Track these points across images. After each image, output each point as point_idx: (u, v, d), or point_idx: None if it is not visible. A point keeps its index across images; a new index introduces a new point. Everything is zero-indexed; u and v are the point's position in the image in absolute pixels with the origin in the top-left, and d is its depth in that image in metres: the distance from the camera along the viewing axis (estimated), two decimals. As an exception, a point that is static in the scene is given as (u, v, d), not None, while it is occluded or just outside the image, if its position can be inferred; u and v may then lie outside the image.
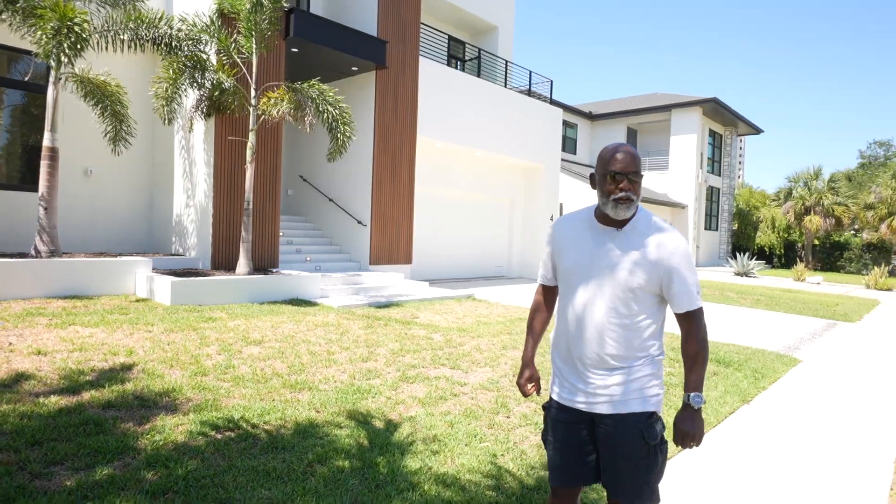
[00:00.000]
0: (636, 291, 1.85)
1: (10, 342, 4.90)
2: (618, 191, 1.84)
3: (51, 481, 2.66)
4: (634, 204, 1.87)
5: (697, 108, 24.20)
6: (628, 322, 1.86)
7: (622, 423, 1.86)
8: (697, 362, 1.87)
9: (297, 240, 11.37)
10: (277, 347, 5.44)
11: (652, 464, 1.86)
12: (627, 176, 1.83)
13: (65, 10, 6.96)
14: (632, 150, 1.90)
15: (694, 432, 1.85)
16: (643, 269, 1.84)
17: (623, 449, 1.87)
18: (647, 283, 1.85)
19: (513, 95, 14.81)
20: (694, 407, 1.85)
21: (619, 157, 1.85)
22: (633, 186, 1.85)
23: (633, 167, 1.85)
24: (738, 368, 6.06)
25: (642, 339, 1.88)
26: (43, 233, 7.72)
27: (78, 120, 9.25)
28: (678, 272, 1.84)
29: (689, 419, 1.86)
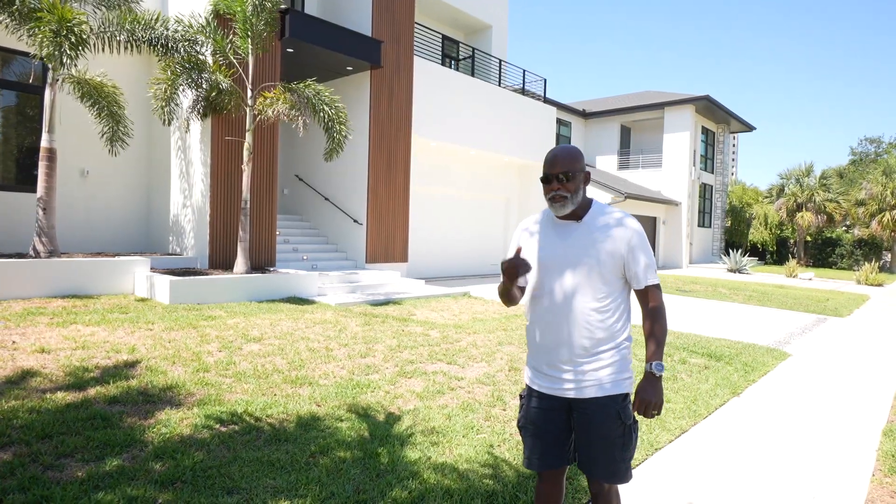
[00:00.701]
0: (603, 276, 1.99)
1: (13, 341, 4.97)
2: (549, 191, 2.03)
3: (62, 472, 2.75)
4: (569, 201, 2.02)
5: (690, 106, 24.37)
6: (599, 307, 1.99)
7: (599, 405, 1.98)
8: (657, 333, 2.00)
9: (294, 239, 11.45)
10: (277, 344, 5.53)
11: (627, 442, 2.00)
12: (556, 176, 2.01)
13: (63, 12, 7.02)
14: (566, 151, 2.07)
15: (655, 400, 1.95)
16: (606, 254, 1.99)
17: (600, 430, 1.98)
18: (612, 267, 1.99)
19: (507, 94, 14.92)
20: (655, 374, 1.96)
21: (550, 159, 2.05)
22: (563, 185, 2.01)
23: (560, 167, 2.02)
24: (728, 362, 6.19)
25: (613, 323, 2.00)
26: (42, 233, 7.78)
27: (75, 121, 9.29)
28: (636, 252, 1.99)
29: (650, 387, 1.96)
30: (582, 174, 2.06)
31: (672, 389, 4.98)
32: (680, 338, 7.29)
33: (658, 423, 4.10)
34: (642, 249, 2.00)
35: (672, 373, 5.56)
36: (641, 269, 1.99)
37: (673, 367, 5.80)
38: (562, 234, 2.08)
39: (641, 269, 1.99)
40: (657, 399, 1.95)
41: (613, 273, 1.99)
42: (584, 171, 2.09)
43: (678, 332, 7.73)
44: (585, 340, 1.98)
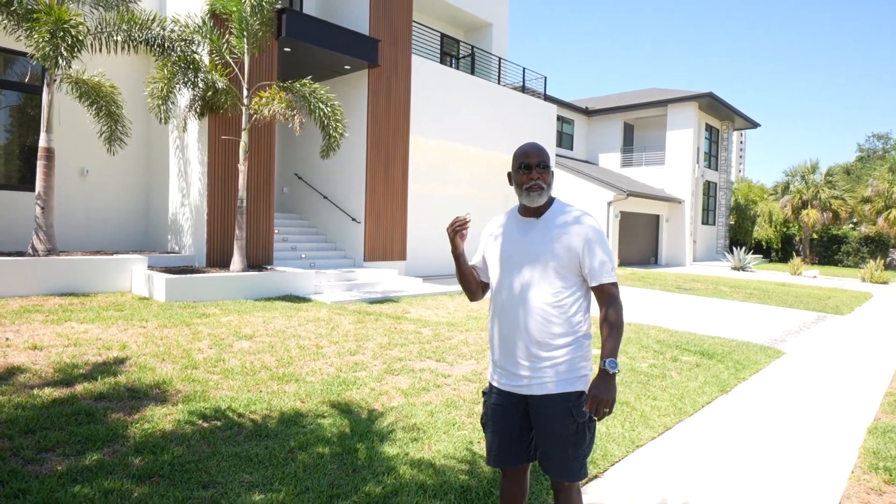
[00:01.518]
0: (559, 271, 2.00)
1: (6, 338, 5.04)
2: (528, 180, 2.05)
3: (42, 466, 2.80)
4: (545, 192, 2.06)
5: (693, 103, 24.26)
6: (554, 301, 2.00)
7: (551, 402, 2.00)
8: (611, 330, 1.98)
9: (293, 237, 11.50)
10: (268, 342, 5.57)
11: (580, 440, 2.00)
12: (536, 167, 2.05)
13: (60, 13, 7.08)
14: (537, 145, 2.11)
15: (607, 398, 1.90)
16: (563, 250, 2.01)
17: (552, 427, 2.00)
18: (568, 263, 2.01)
19: (507, 92, 14.91)
20: (609, 372, 1.91)
21: (529, 151, 2.08)
22: (541, 175, 2.05)
23: (538, 158, 2.06)
24: (720, 360, 6.18)
25: (570, 320, 2.01)
26: (40, 231, 7.87)
27: (75, 121, 9.38)
28: (592, 249, 1.99)
29: (602, 384, 1.92)
30: (552, 169, 2.12)
31: (660, 387, 4.99)
32: (674, 336, 7.28)
33: (641, 421, 4.11)
34: (599, 246, 2.00)
35: (662, 370, 5.56)
36: (596, 265, 1.99)
37: (664, 364, 5.80)
38: (522, 231, 2.12)
39: (596, 266, 1.99)
40: (609, 396, 1.91)
41: (570, 269, 2.01)
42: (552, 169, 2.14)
43: (672, 330, 7.72)
44: (540, 335, 2.00)
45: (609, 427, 3.93)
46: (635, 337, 7.00)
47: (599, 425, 3.94)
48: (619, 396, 4.60)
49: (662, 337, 7.15)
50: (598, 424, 3.95)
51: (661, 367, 5.67)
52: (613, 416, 4.13)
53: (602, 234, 2.04)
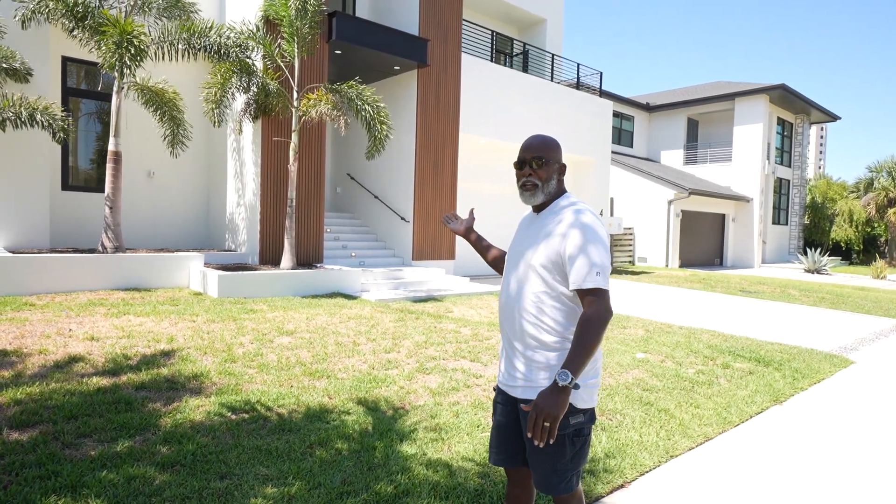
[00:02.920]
0: (544, 271, 1.89)
1: (70, 329, 5.41)
2: (520, 176, 1.96)
3: (78, 451, 2.97)
4: (540, 190, 1.96)
5: (763, 96, 22.90)
6: (542, 304, 1.89)
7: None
8: (575, 341, 1.75)
9: (344, 236, 11.74)
10: (307, 338, 5.70)
11: (559, 453, 1.85)
12: (529, 162, 1.95)
13: (124, 25, 7.54)
14: (541, 137, 2.00)
15: (546, 409, 1.69)
16: (546, 247, 1.89)
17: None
18: (550, 263, 1.87)
19: (560, 89, 14.61)
20: (558, 383, 1.69)
21: (526, 144, 1.98)
22: (535, 172, 1.94)
23: (533, 152, 1.96)
24: (777, 368, 5.79)
25: (558, 321, 1.89)
26: (108, 230, 8.41)
27: (143, 125, 9.97)
28: (574, 250, 1.81)
29: (549, 395, 1.71)
30: (557, 165, 2.00)
31: (705, 395, 4.72)
32: (728, 341, 6.89)
33: (679, 429, 3.90)
34: (582, 245, 1.80)
35: (710, 377, 5.26)
36: (577, 268, 1.80)
37: (712, 371, 5.49)
38: (526, 226, 2.08)
39: (576, 268, 1.80)
40: (549, 409, 1.69)
41: (556, 268, 1.88)
42: (560, 163, 2.02)
43: (726, 334, 7.30)
44: (529, 338, 1.92)
45: (642, 434, 3.75)
46: (685, 341, 6.67)
47: (632, 433, 3.77)
48: (658, 403, 4.39)
49: (715, 342, 6.78)
50: (630, 433, 3.78)
51: (709, 374, 5.37)
52: (648, 423, 3.94)
53: (591, 231, 1.83)
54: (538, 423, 1.71)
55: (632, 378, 5.04)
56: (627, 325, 7.53)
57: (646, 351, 6.11)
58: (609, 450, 3.47)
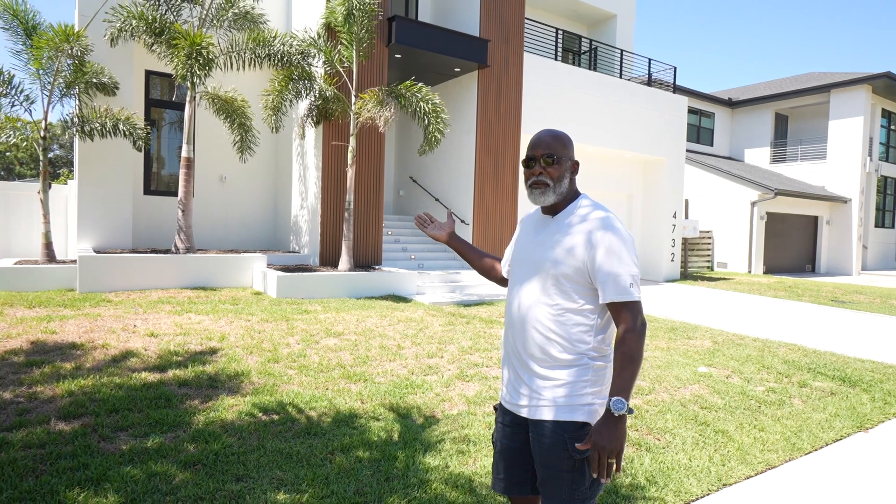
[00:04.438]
0: (561, 281, 1.71)
1: (135, 325, 5.73)
2: (529, 175, 1.80)
3: (112, 444, 3.08)
4: (551, 190, 1.78)
5: (865, 87, 20.82)
6: (556, 317, 1.72)
7: (548, 430, 1.71)
8: (622, 362, 1.62)
9: (405, 238, 11.81)
10: (353, 340, 5.72)
11: (577, 480, 1.67)
12: (538, 159, 1.78)
13: (194, 38, 7.95)
14: (552, 133, 1.81)
15: (609, 446, 1.58)
16: (565, 255, 1.71)
17: (547, 460, 1.71)
18: (572, 272, 1.70)
19: (629, 86, 13.99)
20: (613, 413, 1.58)
21: (534, 141, 1.81)
22: (545, 170, 1.77)
23: (544, 149, 1.78)
24: (865, 389, 5.15)
25: (575, 338, 1.71)
26: (181, 232, 8.89)
27: (217, 131, 10.50)
28: (601, 257, 1.66)
29: (605, 429, 1.59)
30: (569, 162, 1.83)
31: (773, 416, 4.26)
32: (808, 356, 6.24)
33: (737, 454, 3.53)
34: (611, 254, 1.65)
35: (782, 396, 4.76)
36: (611, 280, 1.65)
37: (785, 389, 4.96)
38: (537, 230, 1.89)
39: (611, 281, 1.65)
40: (611, 445, 1.58)
41: (575, 278, 1.70)
42: (572, 160, 1.84)
43: (808, 349, 6.62)
44: (539, 352, 1.74)
45: (692, 457, 3.42)
46: (757, 355, 6.11)
47: (680, 455, 3.45)
48: (716, 423, 4.00)
49: (793, 357, 6.16)
50: (678, 455, 3.45)
51: (781, 393, 4.86)
52: (701, 447, 3.59)
53: (621, 238, 1.68)
54: (603, 462, 1.59)
55: (689, 394, 4.65)
56: (694, 336, 7.02)
57: (710, 364, 5.64)
58: (651, 473, 3.18)
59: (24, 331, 5.23)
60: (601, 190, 14.70)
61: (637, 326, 1.64)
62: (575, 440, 1.67)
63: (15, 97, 8.62)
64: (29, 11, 8.70)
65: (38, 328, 5.33)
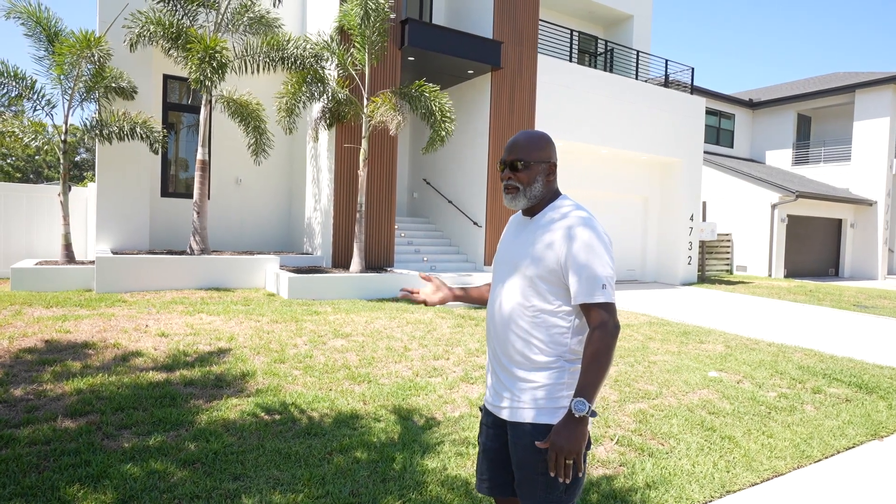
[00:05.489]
0: (537, 283, 1.70)
1: (147, 325, 5.82)
2: (502, 179, 1.81)
3: (115, 442, 3.13)
4: (521, 194, 1.78)
5: (892, 86, 20.32)
6: (533, 318, 1.71)
7: (524, 433, 1.70)
8: (588, 362, 1.59)
9: (418, 240, 11.84)
10: (360, 341, 5.74)
11: (552, 484, 1.65)
12: (509, 163, 1.79)
13: (208, 42, 8.08)
14: (527, 136, 1.81)
15: (566, 446, 1.55)
16: (541, 256, 1.70)
17: (521, 461, 1.71)
18: (547, 273, 1.69)
19: (645, 88, 13.84)
20: (574, 414, 1.55)
21: (509, 144, 1.82)
22: (515, 175, 1.77)
23: (514, 154, 1.79)
24: (882, 396, 5.02)
25: (553, 339, 1.70)
26: (196, 233, 9.03)
27: (232, 134, 10.64)
28: (575, 259, 1.64)
29: (564, 430, 1.57)
30: (544, 164, 1.81)
31: (783, 423, 4.17)
32: (824, 362, 6.09)
33: (742, 460, 3.46)
34: (585, 254, 1.63)
35: (793, 402, 4.66)
36: (583, 280, 1.63)
37: (798, 395, 4.86)
38: (516, 233, 1.88)
39: (583, 282, 1.63)
40: (570, 446, 1.55)
41: (551, 279, 1.69)
42: (549, 162, 1.82)
43: (824, 354, 6.47)
44: (519, 356, 1.73)
45: (696, 463, 3.36)
46: (770, 361, 5.98)
47: (684, 461, 3.39)
48: (723, 429, 3.93)
49: (808, 362, 6.02)
50: (681, 461, 3.40)
51: (793, 399, 4.76)
52: (706, 453, 3.53)
53: (594, 238, 1.66)
54: (559, 462, 1.58)
55: (697, 399, 4.58)
56: (706, 340, 6.90)
57: (721, 369, 5.54)
58: (652, 479, 3.13)
59: (40, 330, 5.35)
60: (616, 192, 14.56)
61: (609, 327, 1.61)
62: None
63: (37, 102, 8.85)
64: (51, 18, 8.93)
65: (54, 327, 5.45)
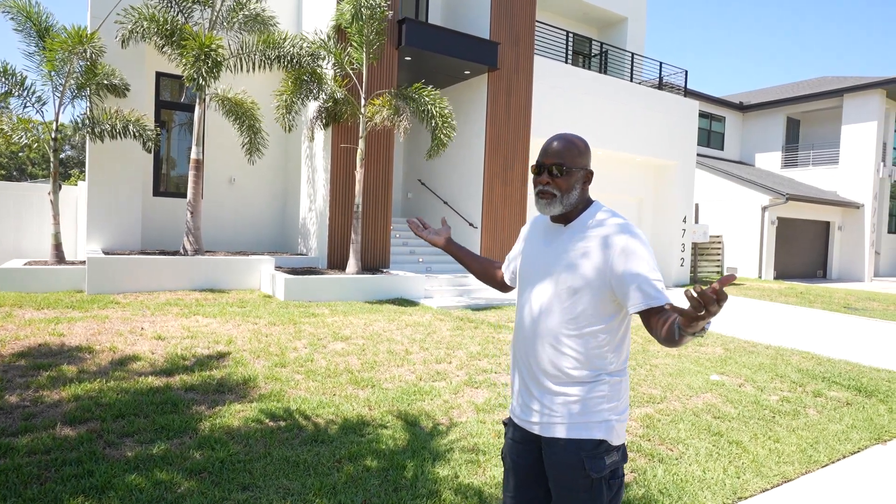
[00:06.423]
0: (578, 293, 1.64)
1: (142, 327, 5.71)
2: (537, 183, 1.72)
3: (117, 450, 3.04)
4: (558, 201, 1.70)
5: (879, 91, 20.59)
6: (570, 330, 1.65)
7: (562, 448, 1.64)
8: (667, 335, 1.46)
9: (413, 241, 11.76)
10: (361, 344, 5.67)
11: (596, 500, 1.61)
12: (548, 168, 1.70)
13: (203, 40, 7.96)
14: (567, 139, 1.73)
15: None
16: (583, 270, 1.64)
17: (562, 479, 1.65)
18: (590, 283, 1.62)
19: (639, 90, 13.90)
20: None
21: (546, 148, 1.74)
22: (553, 180, 1.69)
23: (555, 158, 1.70)
24: (882, 400, 5.05)
25: (590, 352, 1.64)
26: (189, 234, 8.90)
27: (226, 133, 10.51)
28: (625, 262, 1.58)
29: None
30: (582, 172, 1.74)
31: (788, 427, 4.18)
32: (822, 365, 6.13)
33: (751, 466, 3.44)
34: (633, 264, 1.57)
35: (796, 406, 4.67)
36: (631, 287, 1.56)
37: (800, 399, 4.87)
38: (547, 240, 1.80)
39: (631, 289, 1.56)
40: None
41: (592, 290, 1.63)
42: (586, 170, 1.77)
43: (822, 357, 6.51)
44: (551, 366, 1.67)
45: (706, 469, 3.34)
46: (770, 364, 6.00)
47: (694, 467, 3.37)
48: (730, 434, 3.92)
49: (807, 365, 6.05)
50: (692, 466, 3.38)
51: (795, 403, 4.77)
52: (715, 458, 3.51)
53: (639, 244, 1.60)
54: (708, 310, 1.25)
55: (702, 403, 4.57)
56: (705, 343, 6.92)
57: (722, 373, 5.55)
58: (664, 486, 3.10)
59: (32, 333, 5.22)
60: (611, 194, 14.60)
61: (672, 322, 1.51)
62: (592, 458, 1.61)
63: (27, 98, 8.67)
64: (42, 13, 8.75)
65: (46, 330, 5.33)
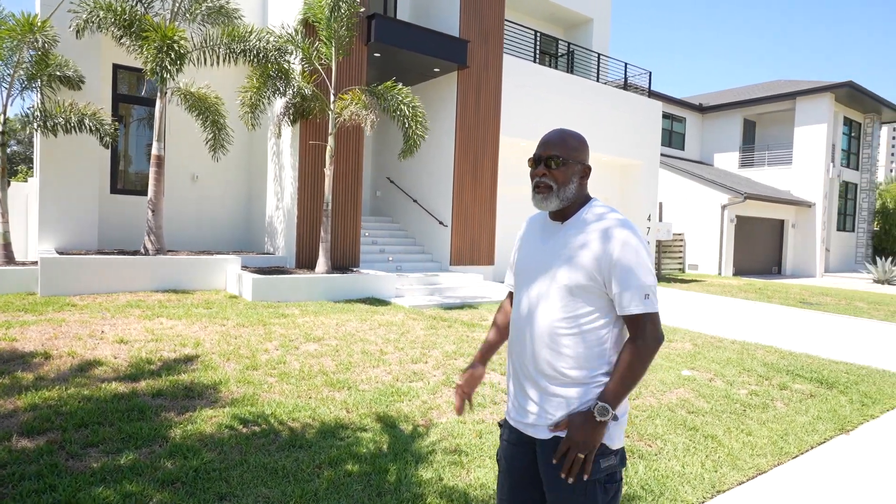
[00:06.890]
0: (575, 292, 1.61)
1: (102, 331, 5.45)
2: (534, 176, 1.71)
3: (82, 462, 2.87)
4: (554, 194, 1.68)
5: (828, 95, 21.51)
6: (567, 329, 1.62)
7: (551, 450, 1.62)
8: (621, 369, 1.58)
9: (382, 240, 11.65)
10: (334, 345, 5.55)
11: (589, 503, 1.60)
12: (545, 160, 1.68)
13: (166, 31, 7.66)
14: (563, 133, 1.72)
15: (581, 440, 1.55)
16: (580, 264, 1.61)
17: (552, 482, 1.62)
18: (586, 282, 1.60)
19: (605, 90, 14.11)
20: (596, 418, 1.54)
21: (542, 140, 1.72)
22: (550, 172, 1.67)
23: (550, 150, 1.68)
24: (842, 391, 5.24)
25: (589, 351, 1.62)
26: (150, 233, 8.56)
27: (188, 128, 10.15)
28: (617, 267, 1.57)
29: (580, 423, 1.56)
30: (580, 166, 1.72)
31: (758, 420, 4.28)
32: (785, 358, 6.33)
33: (728, 460, 3.51)
34: (631, 265, 1.56)
35: (764, 399, 4.79)
36: (628, 290, 1.57)
37: (767, 392, 5.01)
38: (544, 237, 1.77)
39: (628, 292, 1.57)
40: (585, 439, 1.54)
41: (589, 288, 1.61)
42: (583, 164, 1.74)
43: (784, 351, 6.72)
44: (548, 366, 1.64)
45: (685, 464, 3.39)
46: (737, 358, 6.16)
47: (673, 462, 3.41)
48: (705, 428, 3.99)
49: (771, 359, 6.24)
50: (671, 462, 3.42)
51: (763, 396, 4.90)
52: (693, 453, 3.56)
53: (638, 250, 1.59)
54: (570, 455, 1.56)
55: (676, 398, 4.65)
56: (674, 339, 7.06)
57: (693, 367, 5.66)
58: (646, 481, 3.13)
59: (-18, 338, 4.91)
60: (578, 192, 14.77)
61: (649, 339, 1.57)
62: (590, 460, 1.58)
63: (-29, 90, 8.18)
64: (-13, 0, 8.27)
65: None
